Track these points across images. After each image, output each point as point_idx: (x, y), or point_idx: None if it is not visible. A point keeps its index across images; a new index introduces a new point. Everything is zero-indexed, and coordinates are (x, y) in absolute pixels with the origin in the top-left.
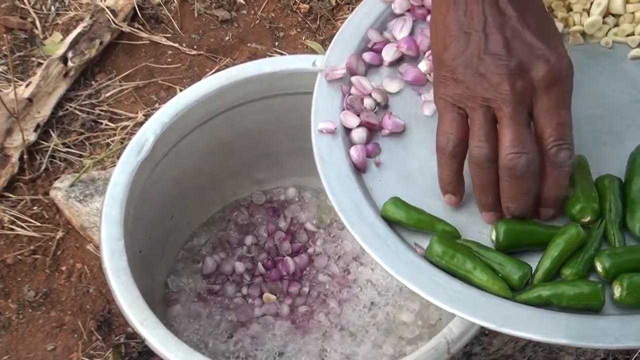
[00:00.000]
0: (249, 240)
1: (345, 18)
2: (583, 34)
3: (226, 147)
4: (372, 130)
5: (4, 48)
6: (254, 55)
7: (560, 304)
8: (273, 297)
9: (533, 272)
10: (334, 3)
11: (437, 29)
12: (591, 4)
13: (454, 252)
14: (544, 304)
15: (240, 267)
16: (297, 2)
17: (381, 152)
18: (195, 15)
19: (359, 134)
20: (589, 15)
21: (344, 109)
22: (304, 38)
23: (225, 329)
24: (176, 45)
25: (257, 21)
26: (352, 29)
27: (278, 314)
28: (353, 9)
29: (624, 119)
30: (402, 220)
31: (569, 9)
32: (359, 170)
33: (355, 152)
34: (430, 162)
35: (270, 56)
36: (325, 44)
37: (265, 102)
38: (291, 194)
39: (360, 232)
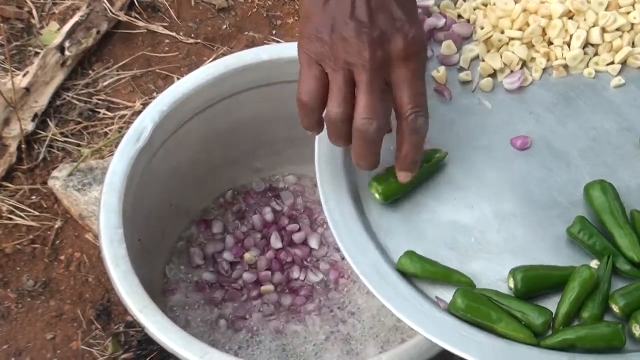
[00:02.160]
0: (248, 228)
1: None
2: (566, 66)
3: (225, 135)
4: None
5: (0, 38)
6: (251, 44)
7: (585, 347)
8: (272, 287)
9: (553, 316)
10: None
11: None
12: (571, 37)
13: (478, 306)
14: (569, 347)
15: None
16: None
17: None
18: (193, 4)
19: None
20: (569, 48)
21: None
22: None
23: (224, 317)
24: (173, 34)
25: (255, 10)
26: None
27: (277, 303)
28: None
29: (616, 149)
30: (418, 274)
31: (550, 43)
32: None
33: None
34: (438, 213)
35: (268, 45)
36: None
37: (263, 90)
38: (290, 182)
39: (384, 293)
